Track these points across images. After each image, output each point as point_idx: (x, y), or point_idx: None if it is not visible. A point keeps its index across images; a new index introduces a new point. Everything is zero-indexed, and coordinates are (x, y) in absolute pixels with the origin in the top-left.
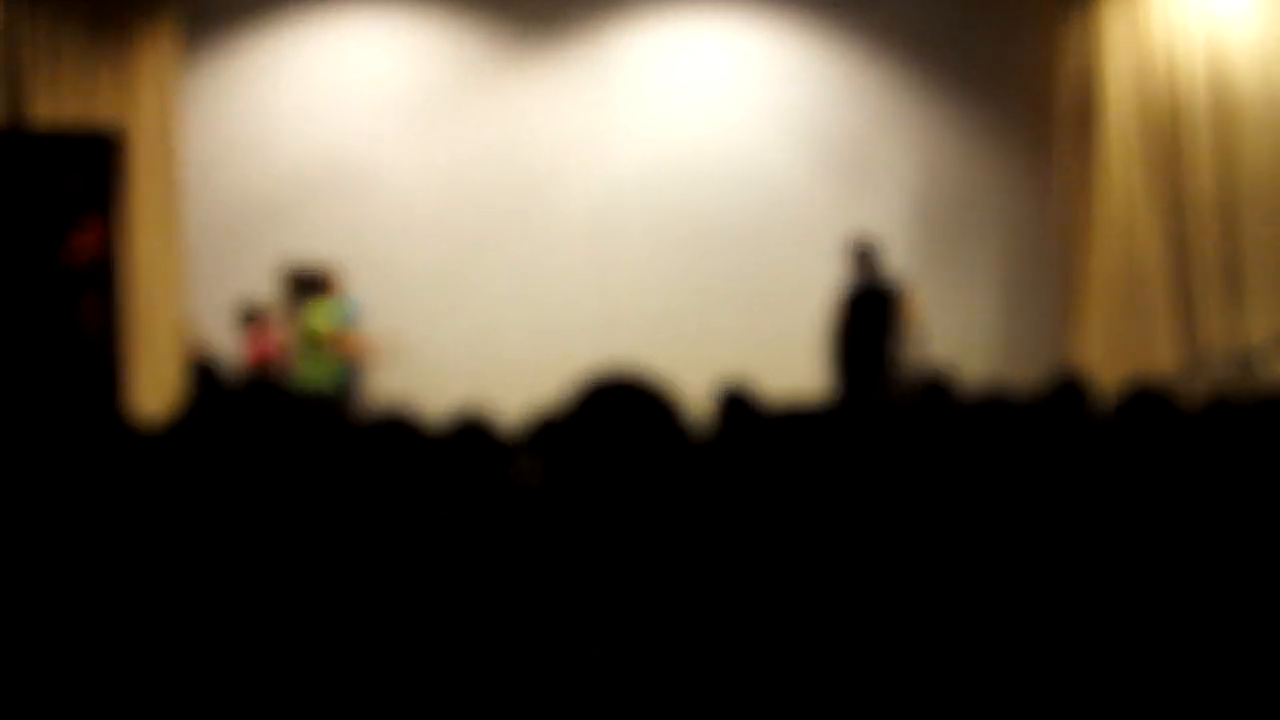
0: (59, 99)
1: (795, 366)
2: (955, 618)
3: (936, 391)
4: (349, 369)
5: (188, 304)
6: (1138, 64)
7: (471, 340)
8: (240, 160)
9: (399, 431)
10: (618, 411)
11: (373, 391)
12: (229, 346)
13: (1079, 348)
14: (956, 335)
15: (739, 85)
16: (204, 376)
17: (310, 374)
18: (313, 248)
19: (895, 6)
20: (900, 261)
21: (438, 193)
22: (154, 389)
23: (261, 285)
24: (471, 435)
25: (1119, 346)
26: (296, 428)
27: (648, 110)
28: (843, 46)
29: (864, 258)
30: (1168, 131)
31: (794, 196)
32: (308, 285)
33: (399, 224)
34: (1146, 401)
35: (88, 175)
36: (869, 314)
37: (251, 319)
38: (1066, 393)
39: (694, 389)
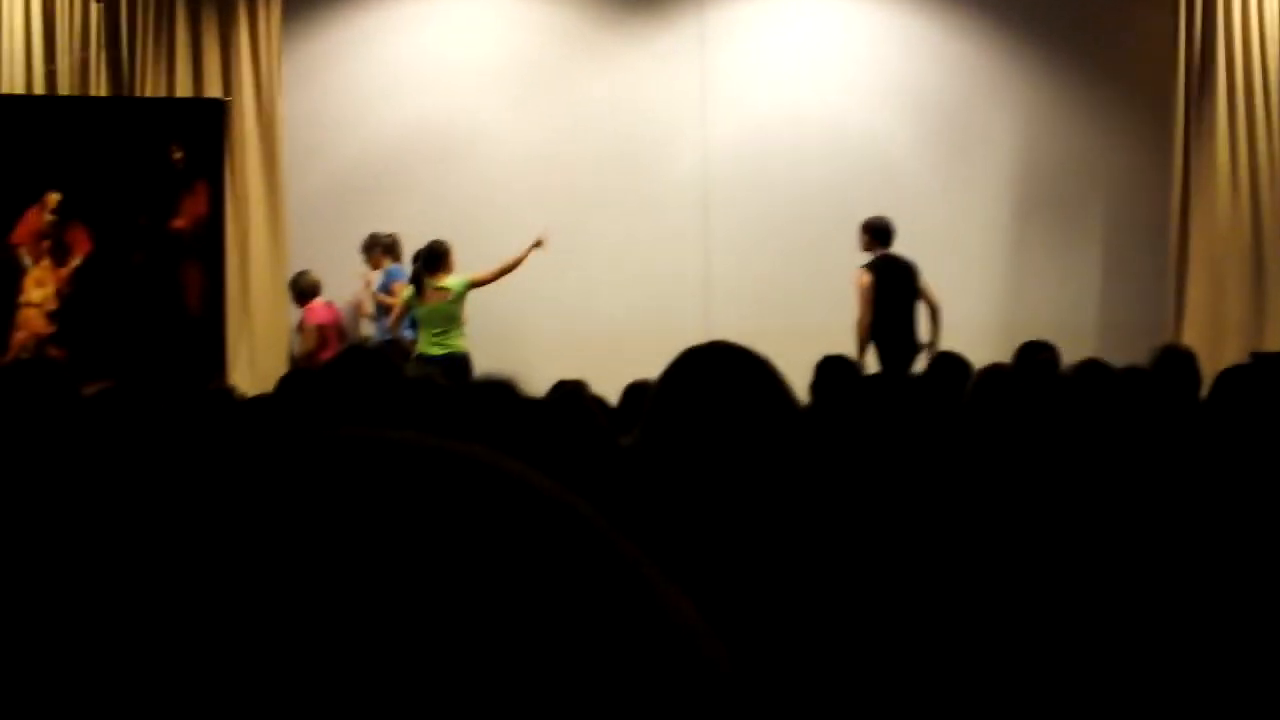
0: (166, 71)
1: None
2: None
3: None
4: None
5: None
6: (1258, 27)
7: (572, 313)
8: (340, 134)
9: (501, 396)
10: (714, 375)
11: (478, 365)
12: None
13: (1186, 328)
14: (1056, 310)
15: (841, 52)
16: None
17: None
18: (413, 222)
19: None
20: (1005, 234)
21: (538, 164)
22: (256, 362)
23: (359, 260)
24: (567, 402)
25: (1227, 326)
26: (397, 396)
27: (750, 79)
28: (947, 12)
29: (882, 233)
30: None
31: (897, 165)
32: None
33: (499, 197)
34: (1251, 375)
35: (194, 142)
36: (897, 289)
37: (305, 294)
38: (1171, 369)
39: (798, 361)
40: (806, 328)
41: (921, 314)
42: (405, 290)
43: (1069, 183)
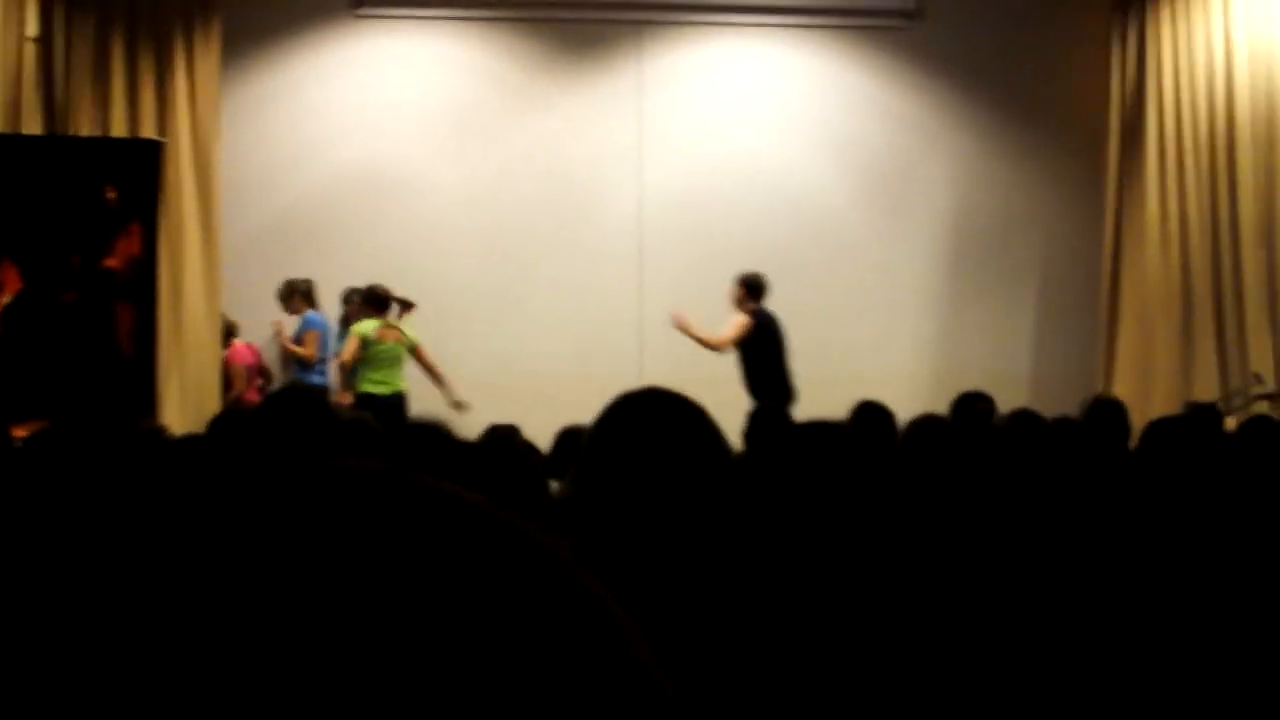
0: (101, 111)
1: (829, 390)
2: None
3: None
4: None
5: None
6: (1189, 82)
7: (506, 358)
8: (275, 177)
9: (433, 439)
10: (648, 420)
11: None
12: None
13: (1117, 378)
14: (989, 360)
15: (779, 103)
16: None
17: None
18: (346, 266)
19: (939, 26)
20: (938, 285)
21: (472, 209)
22: (188, 403)
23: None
24: (499, 446)
25: (1156, 377)
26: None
27: (687, 127)
28: (885, 63)
29: (757, 288)
30: (1215, 154)
31: (832, 215)
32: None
33: (433, 242)
34: (1180, 426)
35: (129, 182)
36: (775, 342)
37: (225, 336)
38: (1102, 419)
39: (731, 409)
40: (739, 376)
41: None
42: (362, 326)
43: (1004, 233)
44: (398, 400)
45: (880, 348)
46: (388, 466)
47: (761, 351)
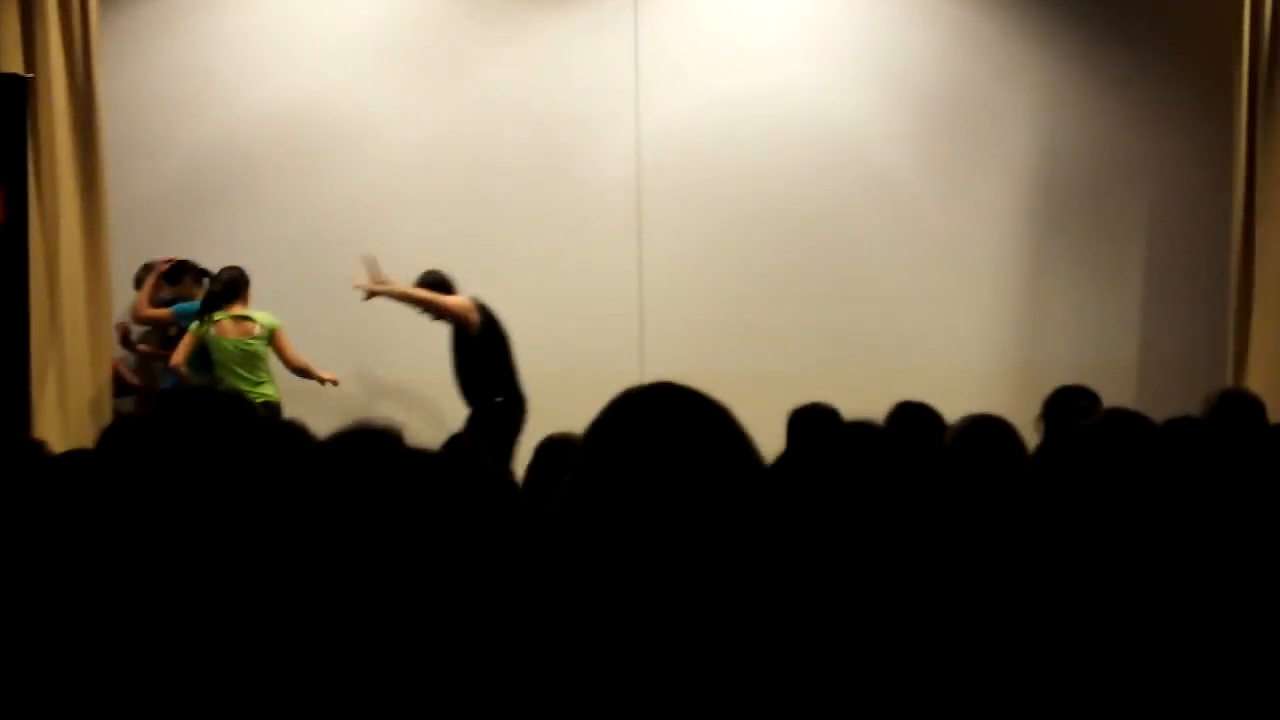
0: None
1: (881, 387)
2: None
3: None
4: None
5: (113, 299)
6: None
7: None
8: (175, 125)
9: (382, 449)
10: (658, 423)
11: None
12: None
13: (1251, 369)
14: (1085, 347)
15: (812, 24)
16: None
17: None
18: (269, 235)
19: None
20: (1019, 249)
21: (434, 161)
22: (70, 408)
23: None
24: (464, 459)
25: None
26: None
27: (698, 56)
28: None
29: (446, 288)
30: None
31: (882, 168)
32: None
33: (385, 202)
34: None
35: None
36: (498, 334)
37: None
38: (1231, 418)
39: (753, 401)
40: (766, 371)
41: None
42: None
43: (1103, 191)
44: (270, 411)
45: (946, 334)
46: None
47: (486, 346)
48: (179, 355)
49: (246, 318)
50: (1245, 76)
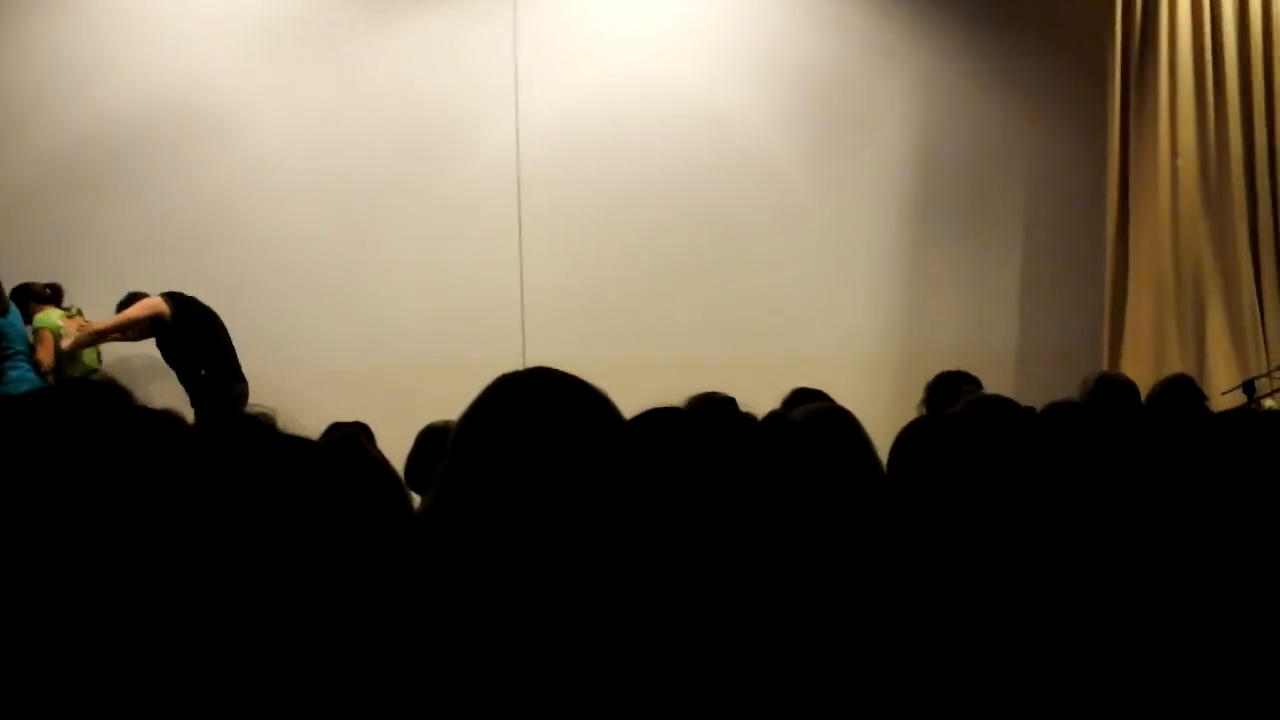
0: None
1: (764, 374)
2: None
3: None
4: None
5: None
6: None
7: (355, 337)
8: (44, 114)
9: (259, 435)
10: (535, 410)
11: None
12: None
13: (1127, 355)
14: (963, 332)
15: (693, 12)
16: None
17: None
18: (146, 223)
19: None
20: (899, 236)
21: (310, 150)
22: None
23: (75, 271)
24: (344, 448)
25: (1170, 352)
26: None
27: (578, 42)
28: None
29: (130, 301)
30: (1251, 68)
31: (763, 156)
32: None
33: (261, 192)
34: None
35: None
36: (198, 316)
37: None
38: (1107, 402)
39: (637, 390)
40: (650, 359)
41: None
42: (48, 317)
43: (981, 178)
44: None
45: (827, 320)
46: None
47: (186, 331)
48: (46, 354)
49: (80, 315)
50: (1118, 61)
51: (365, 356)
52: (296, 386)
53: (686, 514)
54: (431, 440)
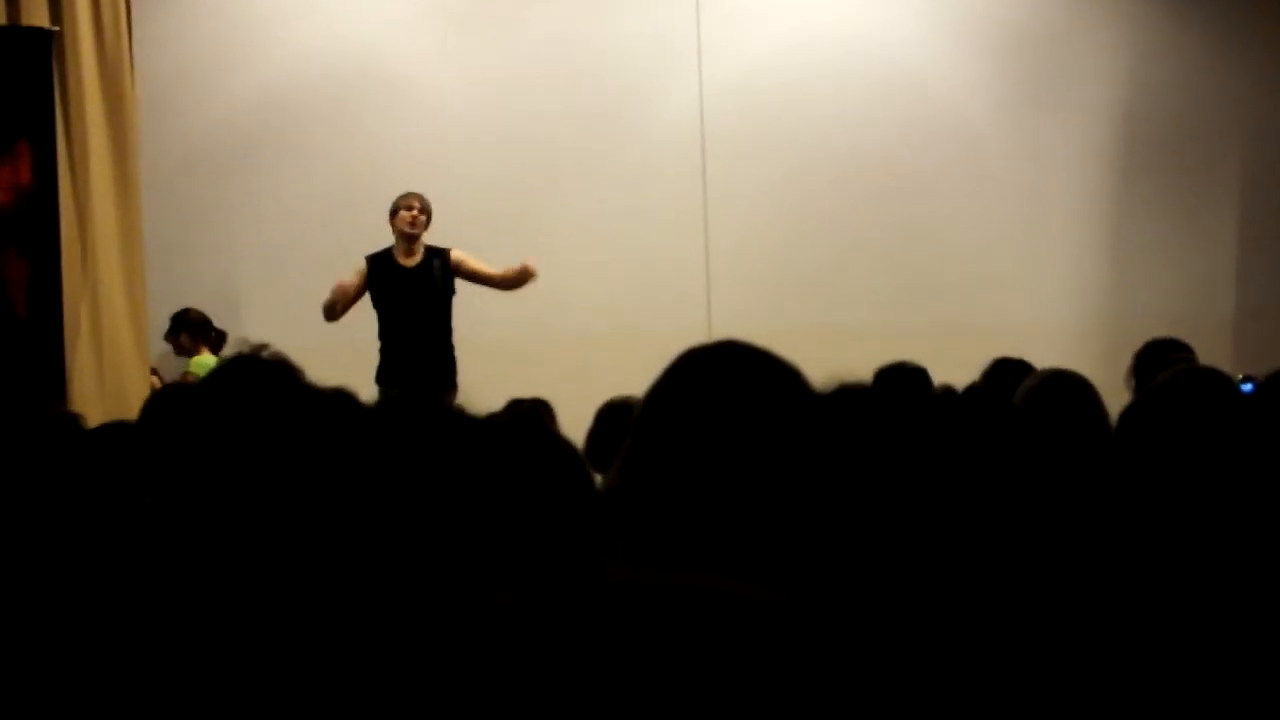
0: None
1: (960, 342)
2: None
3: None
4: None
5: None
6: None
7: (531, 311)
8: (208, 81)
9: (440, 421)
10: (725, 385)
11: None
12: None
13: None
14: (1174, 299)
15: None
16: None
17: None
18: (305, 198)
19: None
20: (1103, 194)
21: (480, 119)
22: (107, 378)
23: (237, 251)
24: (526, 425)
25: None
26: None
27: (760, 3)
28: None
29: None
30: None
31: (958, 114)
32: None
33: (427, 163)
34: None
35: (11, 88)
36: None
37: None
38: None
39: (824, 360)
40: (838, 327)
41: None
42: (203, 361)
43: (1192, 131)
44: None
45: (1026, 286)
46: None
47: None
48: None
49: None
50: None
51: (541, 331)
52: (469, 363)
53: (882, 496)
54: (613, 417)
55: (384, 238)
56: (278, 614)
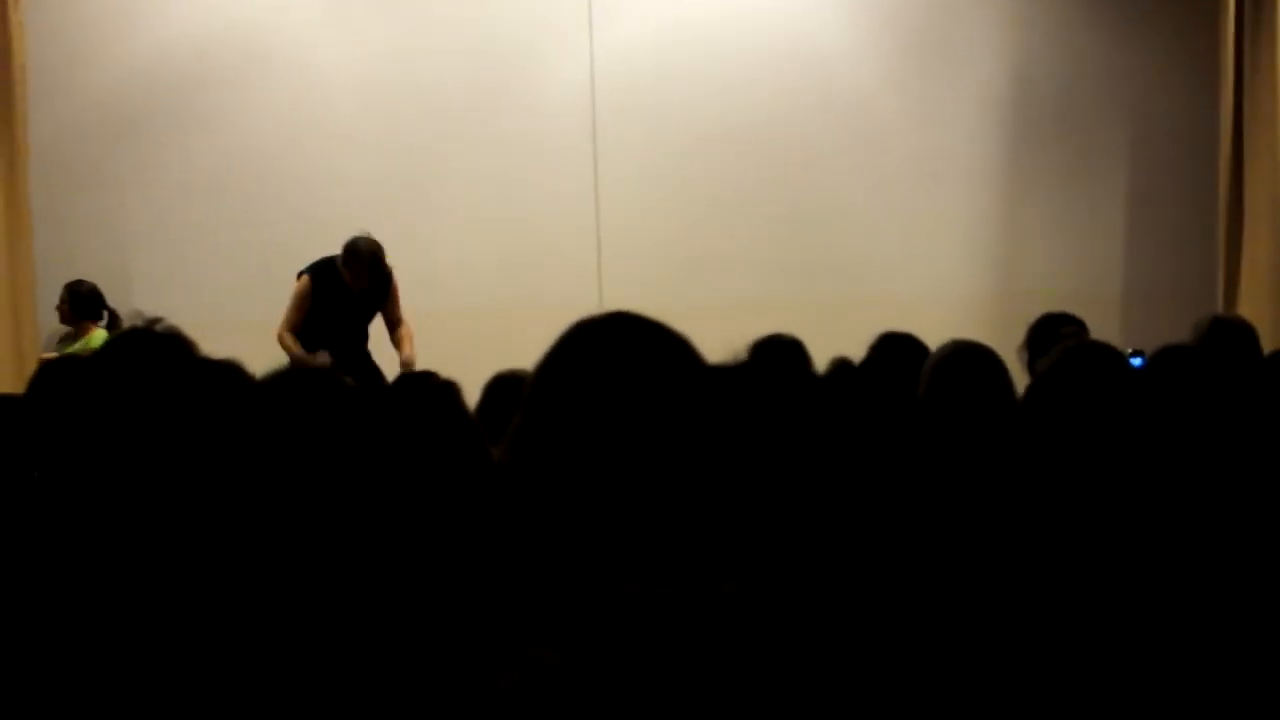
0: None
1: (854, 315)
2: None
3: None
4: None
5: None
6: None
7: (421, 283)
8: (95, 52)
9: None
10: (615, 356)
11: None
12: None
13: (1243, 296)
14: (1065, 274)
15: None
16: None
17: None
18: (197, 170)
19: None
20: (995, 171)
21: (370, 90)
22: None
23: (126, 221)
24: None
25: None
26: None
27: None
28: None
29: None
30: None
31: (850, 87)
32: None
33: (317, 132)
34: None
35: None
36: None
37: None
38: (1222, 346)
39: (717, 333)
40: (731, 300)
41: None
42: (96, 338)
43: (1083, 109)
44: None
45: (917, 260)
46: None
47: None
48: None
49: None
50: None
51: (430, 301)
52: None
53: (772, 466)
54: (502, 389)
55: (273, 208)
56: (162, 586)
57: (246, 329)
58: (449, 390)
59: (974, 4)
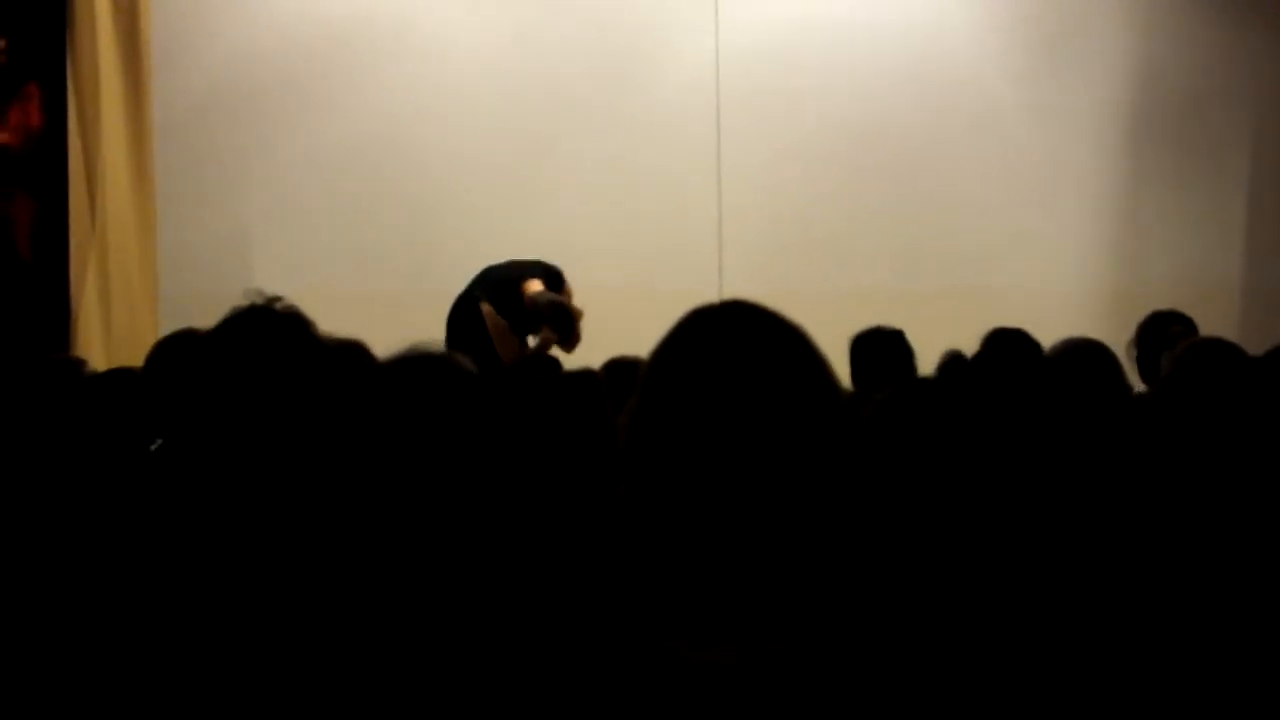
0: None
1: (964, 308)
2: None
3: None
4: None
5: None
6: None
7: (544, 257)
8: (224, 22)
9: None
10: (729, 346)
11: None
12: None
13: None
14: (1183, 270)
15: None
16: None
17: None
18: (321, 145)
19: None
20: (1112, 165)
21: (499, 69)
22: (115, 324)
23: (250, 197)
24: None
25: None
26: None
27: None
28: None
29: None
30: None
31: (972, 81)
32: None
33: (437, 113)
34: None
35: (21, 28)
36: None
37: None
38: None
39: (834, 323)
40: (848, 289)
41: None
42: None
43: (1203, 103)
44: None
45: (1033, 254)
46: None
47: None
48: None
49: None
50: None
51: None
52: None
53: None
54: (618, 375)
55: (400, 189)
56: (283, 566)
57: (366, 306)
58: (592, 381)
59: (1101, 4)
